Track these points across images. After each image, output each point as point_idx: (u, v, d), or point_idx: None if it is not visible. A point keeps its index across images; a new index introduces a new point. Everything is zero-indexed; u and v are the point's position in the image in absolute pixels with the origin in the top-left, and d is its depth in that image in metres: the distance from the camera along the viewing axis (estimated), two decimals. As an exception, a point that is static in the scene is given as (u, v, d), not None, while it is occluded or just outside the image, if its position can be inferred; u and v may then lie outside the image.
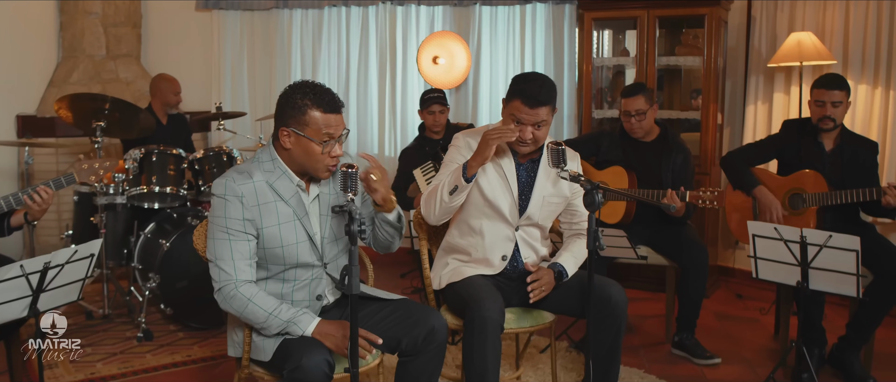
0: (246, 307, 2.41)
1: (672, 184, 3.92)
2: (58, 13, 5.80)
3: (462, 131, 3.05)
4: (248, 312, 2.41)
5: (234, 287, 2.41)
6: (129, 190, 4.39)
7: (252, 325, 2.46)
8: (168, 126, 5.21)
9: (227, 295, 2.42)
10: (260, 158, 2.50)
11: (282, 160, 2.48)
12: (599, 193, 2.57)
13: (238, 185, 2.42)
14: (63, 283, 2.84)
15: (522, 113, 2.81)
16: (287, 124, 2.42)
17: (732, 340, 4.18)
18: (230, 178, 2.44)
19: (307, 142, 2.40)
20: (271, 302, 2.42)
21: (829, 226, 3.63)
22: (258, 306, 2.40)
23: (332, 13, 6.02)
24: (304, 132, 2.39)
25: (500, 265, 3.00)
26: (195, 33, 6.22)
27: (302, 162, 2.45)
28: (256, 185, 2.44)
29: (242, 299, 2.41)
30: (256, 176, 2.45)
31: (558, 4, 5.62)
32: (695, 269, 3.83)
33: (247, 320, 2.45)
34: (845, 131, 3.82)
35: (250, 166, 2.49)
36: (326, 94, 2.41)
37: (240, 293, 2.41)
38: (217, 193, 2.44)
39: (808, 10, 4.84)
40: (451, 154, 2.98)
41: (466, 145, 2.95)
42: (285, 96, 2.43)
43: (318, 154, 2.41)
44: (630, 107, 3.99)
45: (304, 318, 2.42)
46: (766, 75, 5.07)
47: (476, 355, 2.71)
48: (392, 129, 6.02)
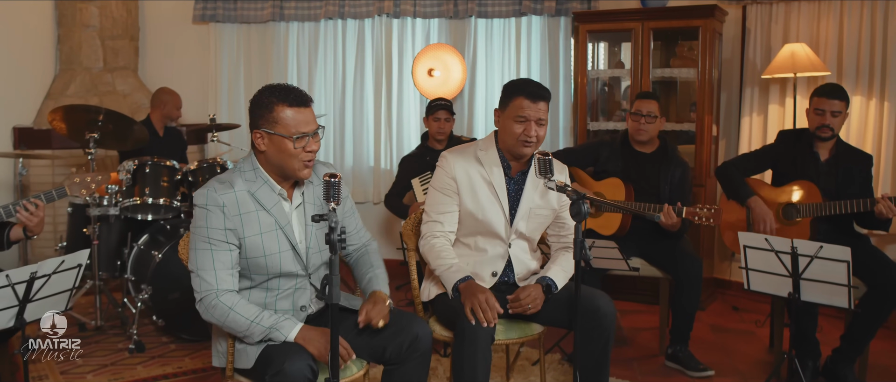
0: (227, 317, 2.39)
1: (669, 197, 3.91)
2: (55, 26, 5.82)
3: (448, 150, 3.05)
4: (229, 321, 2.40)
5: (216, 297, 2.40)
6: (123, 202, 4.40)
7: (234, 334, 2.45)
8: (164, 139, 5.23)
9: (209, 305, 2.41)
10: (241, 167, 2.50)
11: (263, 169, 2.47)
12: (585, 203, 2.56)
13: (219, 195, 2.41)
14: (51, 293, 2.84)
15: (527, 109, 2.85)
16: (259, 126, 2.42)
17: (727, 352, 4.15)
18: (211, 188, 2.43)
19: (280, 139, 2.39)
20: (253, 310, 2.41)
21: (822, 237, 3.60)
22: (239, 314, 2.39)
23: (329, 26, 6.04)
24: (274, 130, 2.39)
25: (490, 281, 3.00)
26: (192, 46, 6.24)
27: (278, 162, 2.43)
28: (238, 194, 2.44)
29: (223, 308, 2.39)
30: (238, 185, 2.45)
31: (553, 17, 5.63)
32: (689, 281, 3.81)
33: (229, 329, 2.44)
34: (841, 143, 3.82)
35: (232, 175, 2.48)
36: (293, 90, 2.41)
37: (221, 302, 2.40)
38: (198, 203, 2.43)
39: (803, 22, 4.84)
40: (439, 177, 2.99)
41: (452, 167, 2.95)
42: (254, 100, 2.44)
43: (291, 150, 2.39)
44: (643, 107, 4.00)
45: (286, 323, 2.40)
46: (761, 87, 5.07)
47: (466, 365, 2.69)
48: (388, 141, 6.02)
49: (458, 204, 2.96)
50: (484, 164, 2.95)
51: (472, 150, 3.00)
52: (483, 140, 3.04)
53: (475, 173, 2.94)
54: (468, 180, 2.94)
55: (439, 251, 2.92)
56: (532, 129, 2.85)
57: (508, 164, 2.98)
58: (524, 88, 2.87)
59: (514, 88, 2.90)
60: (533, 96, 2.84)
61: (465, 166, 2.95)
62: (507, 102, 2.90)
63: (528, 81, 2.90)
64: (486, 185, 2.94)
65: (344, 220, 2.68)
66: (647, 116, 3.98)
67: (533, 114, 2.84)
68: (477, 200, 2.92)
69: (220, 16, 6.09)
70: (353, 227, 2.74)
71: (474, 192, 2.93)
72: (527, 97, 2.85)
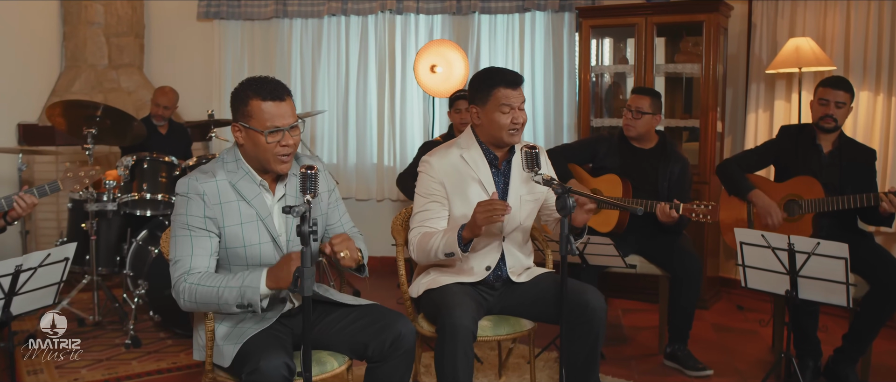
0: (196, 293, 2.34)
1: (668, 194, 3.85)
2: (61, 23, 5.85)
3: (429, 153, 2.98)
4: (199, 297, 2.35)
5: (184, 280, 2.37)
6: (121, 197, 4.40)
7: (212, 309, 2.40)
8: (168, 136, 5.24)
9: (179, 290, 2.37)
10: (224, 158, 2.49)
11: (244, 161, 2.46)
12: (571, 197, 2.52)
13: (200, 184, 2.41)
14: (37, 286, 2.84)
15: (510, 98, 2.83)
16: (236, 120, 2.41)
17: (728, 352, 4.08)
18: (193, 177, 2.43)
19: (254, 134, 2.37)
20: (218, 278, 2.36)
21: (825, 233, 3.54)
22: (206, 286, 2.34)
23: (332, 22, 6.02)
24: (249, 124, 2.37)
25: (483, 273, 2.95)
26: (197, 43, 6.24)
27: (255, 156, 2.42)
28: (219, 184, 2.42)
29: (191, 287, 2.35)
30: (219, 176, 2.44)
31: (557, 13, 5.58)
32: (687, 278, 3.75)
33: (204, 306, 2.39)
34: (844, 137, 3.74)
35: (214, 166, 2.47)
36: (268, 83, 2.38)
37: (188, 282, 2.36)
38: (180, 191, 2.43)
39: (809, 16, 4.76)
40: (424, 183, 2.93)
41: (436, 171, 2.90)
42: (233, 93, 2.43)
43: (264, 145, 2.37)
44: (632, 103, 3.96)
45: (252, 276, 2.32)
46: (767, 83, 4.98)
47: (447, 361, 2.66)
48: (391, 137, 6.00)
49: (448, 209, 2.91)
50: (469, 162, 2.90)
51: (453, 150, 2.94)
52: (462, 138, 2.98)
53: (462, 174, 2.90)
54: (455, 181, 2.89)
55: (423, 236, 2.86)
56: (518, 115, 2.83)
57: (493, 155, 2.93)
58: (502, 78, 2.84)
59: (488, 80, 2.86)
60: (512, 84, 2.83)
61: (451, 168, 2.90)
62: (487, 94, 2.85)
63: (501, 70, 2.89)
64: (476, 183, 2.89)
65: (329, 211, 2.65)
66: (636, 111, 3.92)
67: (516, 100, 2.83)
68: (467, 200, 2.86)
69: (224, 13, 6.09)
70: (337, 218, 2.70)
71: (464, 193, 2.88)
72: (506, 86, 2.82)
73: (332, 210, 2.66)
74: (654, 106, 3.93)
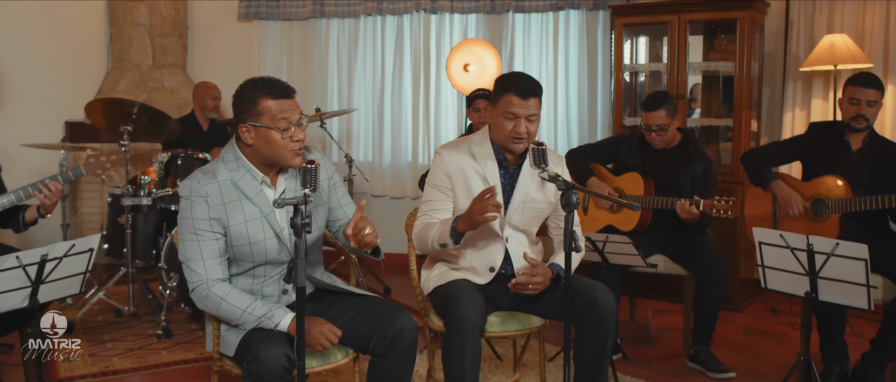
0: (220, 307, 2.44)
1: (691, 192, 3.79)
2: (107, 24, 6.06)
3: (443, 145, 3.01)
4: (222, 311, 2.45)
5: (207, 288, 2.45)
6: (156, 192, 4.54)
7: (228, 322, 2.50)
8: (209, 132, 5.38)
9: (201, 296, 2.46)
10: (224, 157, 2.54)
11: (245, 158, 2.50)
12: (575, 194, 2.52)
13: (202, 185, 2.46)
14: (63, 275, 2.94)
15: (516, 107, 2.79)
16: (244, 121, 2.45)
17: (755, 355, 4.00)
18: (195, 179, 2.48)
19: (266, 131, 2.41)
20: (244, 300, 2.45)
21: (853, 234, 3.44)
22: (231, 304, 2.43)
23: (368, 22, 6.10)
24: (260, 122, 2.41)
25: (488, 275, 2.96)
26: (237, 43, 6.40)
27: (267, 154, 2.46)
28: (221, 184, 2.47)
29: (216, 298, 2.44)
30: (221, 175, 2.49)
31: (592, 11, 5.55)
32: (711, 279, 3.69)
33: (222, 318, 2.49)
34: (874, 134, 3.63)
35: (215, 165, 2.52)
36: (275, 82, 2.44)
37: (212, 292, 2.44)
38: (183, 194, 2.48)
39: (847, 12, 4.63)
40: (434, 173, 2.96)
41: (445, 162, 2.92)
42: (237, 95, 2.47)
43: (279, 141, 2.42)
44: (651, 121, 3.82)
45: (277, 312, 2.44)
46: (804, 81, 4.87)
47: (454, 355, 2.67)
48: (426, 136, 6.04)
49: (453, 200, 2.93)
50: (477, 158, 2.91)
51: (466, 144, 2.96)
52: (478, 134, 2.99)
53: (469, 168, 2.91)
54: (461, 174, 2.91)
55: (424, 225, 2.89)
56: (522, 126, 2.79)
57: (504, 156, 2.94)
58: (514, 85, 2.79)
59: (504, 84, 2.83)
60: (523, 93, 2.77)
61: (459, 161, 2.92)
62: (498, 97, 2.84)
63: (520, 76, 2.83)
64: (480, 179, 2.90)
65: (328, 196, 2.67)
66: (657, 129, 3.83)
67: (522, 111, 2.77)
68: (470, 195, 2.86)
69: (263, 14, 6.22)
70: (336, 200, 2.71)
71: (468, 186, 2.90)
72: (516, 94, 2.77)
73: (332, 194, 2.69)
74: (670, 112, 3.82)
